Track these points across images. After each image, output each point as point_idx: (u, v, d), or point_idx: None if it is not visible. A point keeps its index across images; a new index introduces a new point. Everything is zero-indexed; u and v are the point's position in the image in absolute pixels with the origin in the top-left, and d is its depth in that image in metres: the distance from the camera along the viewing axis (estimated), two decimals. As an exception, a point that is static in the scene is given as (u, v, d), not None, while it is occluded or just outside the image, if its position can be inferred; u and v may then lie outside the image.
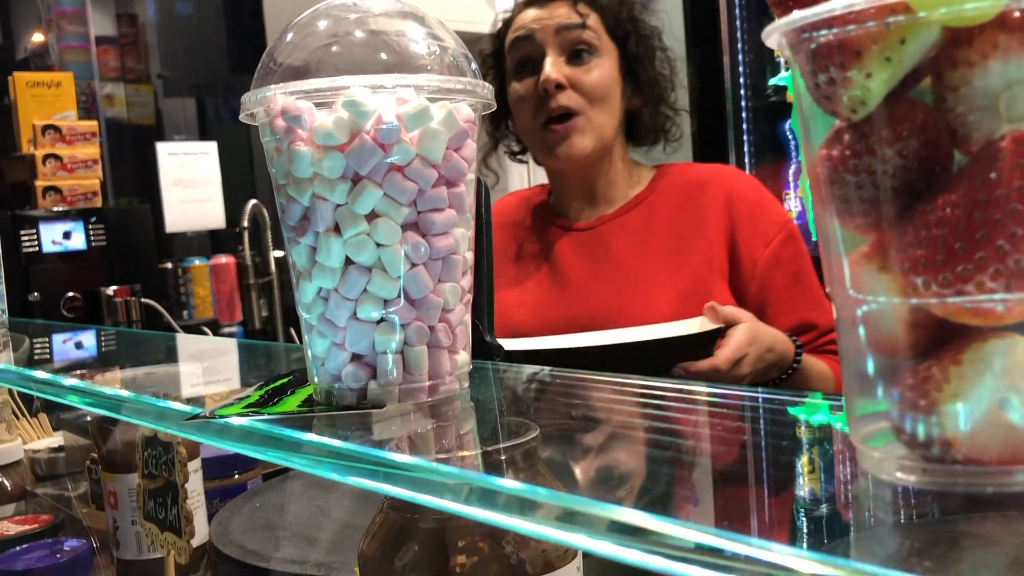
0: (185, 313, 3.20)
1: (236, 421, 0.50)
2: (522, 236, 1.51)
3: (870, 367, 0.34)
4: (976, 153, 0.29)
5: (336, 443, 0.44)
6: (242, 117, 0.54)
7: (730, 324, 1.17)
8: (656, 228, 1.41)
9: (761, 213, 1.39)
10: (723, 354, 1.13)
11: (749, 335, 1.15)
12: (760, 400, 0.51)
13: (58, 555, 0.90)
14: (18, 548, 0.93)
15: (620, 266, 1.40)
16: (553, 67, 1.34)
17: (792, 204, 2.27)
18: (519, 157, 1.54)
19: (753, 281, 1.36)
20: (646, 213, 1.43)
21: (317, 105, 0.50)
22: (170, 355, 1.02)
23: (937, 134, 0.30)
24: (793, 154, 2.26)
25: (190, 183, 3.32)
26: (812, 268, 1.38)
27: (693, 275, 1.30)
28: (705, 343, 1.14)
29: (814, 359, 1.31)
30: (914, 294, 0.30)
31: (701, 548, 0.30)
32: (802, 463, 0.40)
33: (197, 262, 3.25)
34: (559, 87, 1.34)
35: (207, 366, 0.90)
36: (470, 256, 0.55)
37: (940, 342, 0.31)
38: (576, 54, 1.36)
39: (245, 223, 3.10)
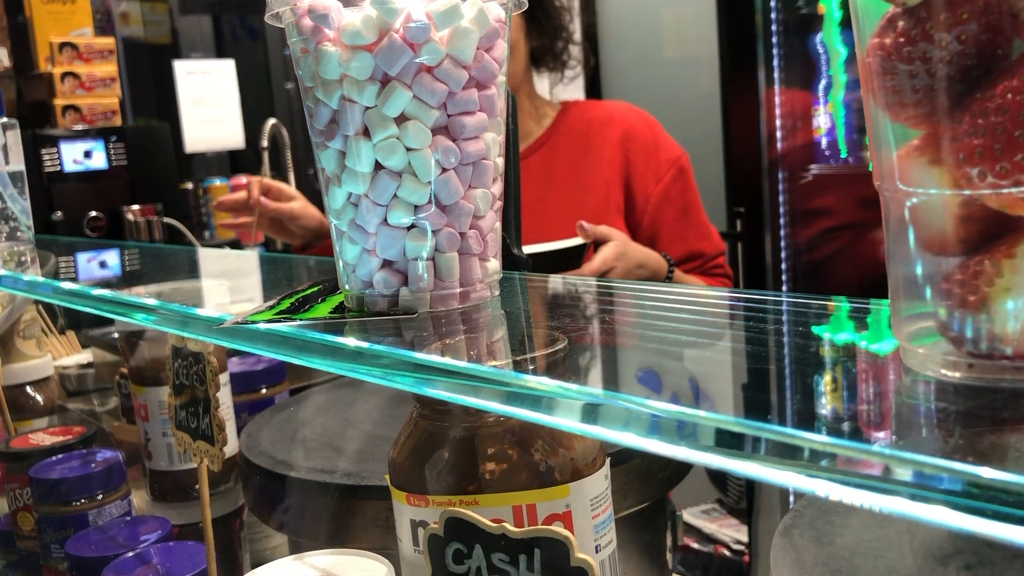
0: (207, 233, 3.21)
1: (267, 327, 0.50)
2: None
3: (918, 265, 0.33)
4: (1040, 37, 0.28)
5: (367, 345, 0.44)
6: (267, 18, 0.53)
7: (602, 242, 1.27)
8: (557, 170, 1.50)
9: (654, 151, 1.50)
10: (589, 267, 1.23)
11: (616, 251, 1.26)
12: (785, 304, 0.51)
13: (92, 465, 0.92)
14: (53, 458, 0.95)
15: (522, 208, 1.45)
16: None
17: (822, 120, 2.23)
18: None
19: (645, 216, 1.48)
20: (548, 156, 1.52)
21: (344, 3, 0.49)
22: (196, 269, 1.03)
23: (999, 17, 0.29)
24: (824, 68, 2.21)
25: (208, 102, 3.30)
26: (699, 201, 1.52)
27: (591, 213, 1.39)
28: (572, 257, 1.25)
29: (689, 276, 1.45)
30: (968, 186, 0.29)
31: (727, 434, 0.30)
32: (840, 361, 0.39)
33: (217, 182, 3.24)
34: None
35: (235, 279, 0.90)
36: (500, 162, 0.55)
37: (992, 236, 0.30)
38: None
39: (265, 143, 3.08)
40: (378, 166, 0.50)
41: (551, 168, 1.51)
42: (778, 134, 2.32)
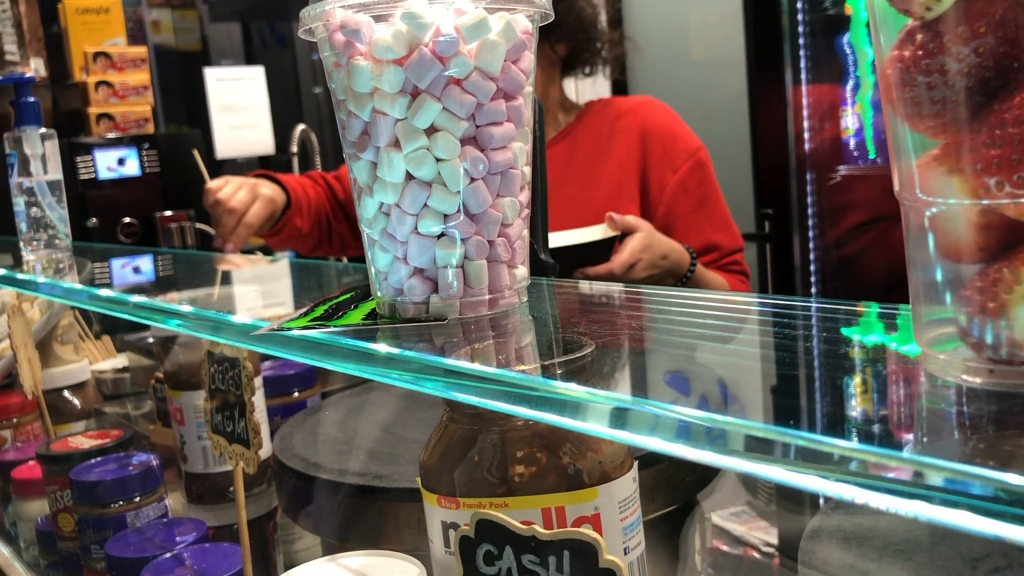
0: (238, 238, 3.23)
1: (302, 333, 0.52)
2: None
3: (938, 272, 0.33)
4: (1056, 49, 0.29)
5: (398, 350, 0.45)
6: (300, 33, 0.54)
7: (628, 232, 1.30)
8: (576, 159, 1.53)
9: (672, 142, 1.52)
10: (618, 259, 1.26)
11: (643, 243, 1.29)
12: (812, 309, 0.51)
13: (129, 468, 0.94)
14: (92, 461, 0.97)
15: None
16: None
17: (850, 121, 2.22)
18: None
19: (660, 205, 1.50)
20: (569, 146, 1.55)
21: (375, 19, 0.50)
22: (228, 275, 1.04)
23: (1016, 30, 0.29)
24: (851, 69, 2.19)
25: (239, 109, 3.33)
26: (719, 194, 1.54)
27: (603, 200, 1.41)
28: (603, 249, 1.28)
29: (710, 271, 1.45)
30: (986, 195, 0.30)
31: (754, 439, 0.31)
32: (863, 367, 0.40)
33: (248, 188, 3.27)
34: None
35: (266, 284, 0.92)
36: (528, 171, 0.56)
37: (1010, 245, 0.31)
38: None
39: (294, 148, 3.11)
40: (409, 176, 0.51)
41: (571, 158, 1.54)
42: (806, 135, 2.31)
